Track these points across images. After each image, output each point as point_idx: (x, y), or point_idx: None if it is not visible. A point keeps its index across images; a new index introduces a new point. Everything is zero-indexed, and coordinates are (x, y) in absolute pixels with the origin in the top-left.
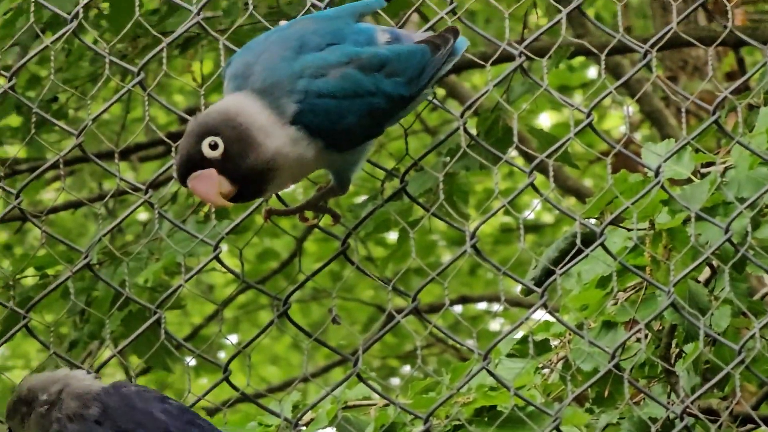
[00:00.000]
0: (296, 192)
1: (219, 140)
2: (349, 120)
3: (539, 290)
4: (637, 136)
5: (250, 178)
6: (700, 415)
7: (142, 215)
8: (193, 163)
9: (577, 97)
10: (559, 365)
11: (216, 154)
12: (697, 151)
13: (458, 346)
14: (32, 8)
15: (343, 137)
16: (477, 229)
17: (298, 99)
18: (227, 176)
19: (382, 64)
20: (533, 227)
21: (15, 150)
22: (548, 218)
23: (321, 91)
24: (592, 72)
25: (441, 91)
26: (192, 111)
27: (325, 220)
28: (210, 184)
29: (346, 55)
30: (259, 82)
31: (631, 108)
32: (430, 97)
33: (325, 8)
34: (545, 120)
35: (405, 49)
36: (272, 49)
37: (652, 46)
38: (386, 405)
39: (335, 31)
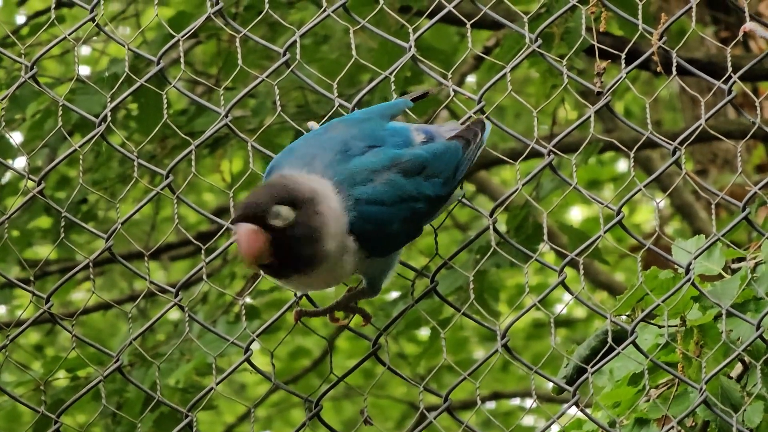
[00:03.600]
0: (328, 290)
1: (292, 215)
2: (394, 226)
3: (571, 389)
4: (669, 230)
5: (293, 264)
6: None
7: (174, 314)
8: (255, 217)
9: (607, 192)
10: None
11: (279, 223)
12: (727, 246)
13: None
14: (60, 110)
15: (387, 243)
16: (508, 329)
17: (353, 207)
18: (275, 248)
19: (423, 166)
20: (565, 322)
21: (45, 251)
22: (580, 313)
23: (370, 198)
24: (622, 165)
25: (471, 187)
26: (221, 211)
27: (356, 320)
28: (254, 244)
29: (389, 159)
30: (334, 176)
31: (662, 202)
32: (460, 197)
33: (352, 110)
34: (576, 214)
35: (440, 149)
36: (322, 153)
37: (681, 143)
38: None
39: (373, 133)
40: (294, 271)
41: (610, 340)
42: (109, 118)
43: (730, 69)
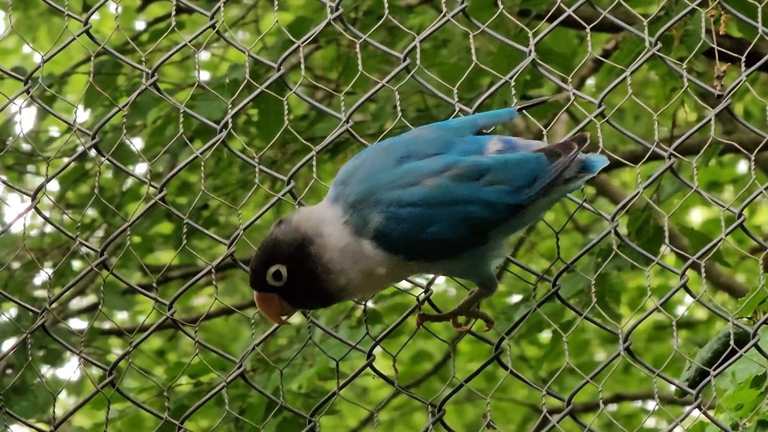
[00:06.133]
0: (449, 294)
1: (284, 270)
2: (436, 228)
3: (693, 392)
4: None
5: (313, 304)
6: None
7: (296, 319)
8: (259, 285)
9: (727, 193)
10: None
11: (279, 283)
12: None
13: None
14: (181, 117)
15: (432, 246)
16: (630, 332)
17: (383, 209)
18: (289, 301)
19: (481, 172)
20: (686, 324)
21: (166, 256)
22: (701, 314)
23: (406, 201)
24: (742, 166)
25: (591, 190)
26: None
27: (478, 325)
28: (272, 308)
29: (444, 165)
30: (354, 194)
31: None
32: (580, 200)
33: (473, 113)
34: (696, 216)
35: (514, 158)
36: (377, 158)
37: None
38: None
39: (446, 142)
40: (324, 304)
41: (732, 342)
42: (230, 124)
43: None
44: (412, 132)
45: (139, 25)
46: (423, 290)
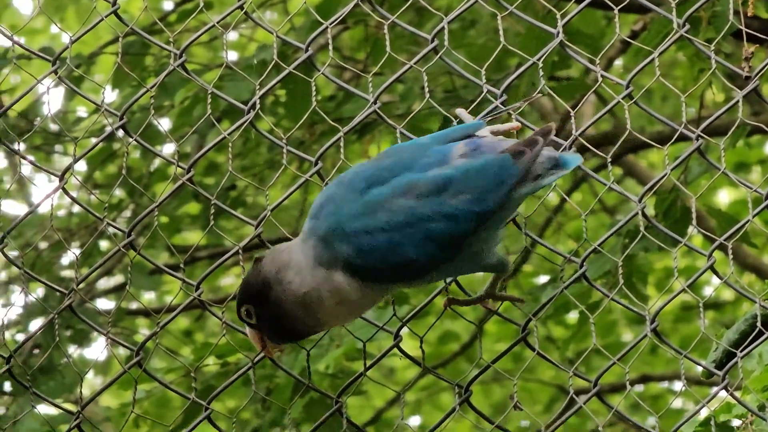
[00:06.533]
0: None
1: (252, 310)
2: (405, 251)
3: (720, 373)
4: None
5: (291, 339)
6: None
7: None
8: (241, 318)
9: (755, 174)
10: None
11: (252, 321)
12: None
13: (639, 428)
14: (209, 97)
15: (403, 269)
16: (657, 313)
17: (350, 240)
18: (268, 337)
19: (444, 186)
20: (713, 305)
21: (193, 237)
22: (728, 295)
23: (370, 228)
24: None
25: (618, 171)
26: None
27: (506, 305)
28: (256, 341)
29: (405, 186)
30: (323, 228)
31: None
32: (607, 183)
33: (500, 96)
34: (723, 197)
35: (476, 165)
36: (343, 189)
37: None
38: None
39: (407, 161)
40: (303, 338)
41: (759, 324)
42: (257, 105)
43: None
44: (374, 158)
45: (167, 5)
46: None
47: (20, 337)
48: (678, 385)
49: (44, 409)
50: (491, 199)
